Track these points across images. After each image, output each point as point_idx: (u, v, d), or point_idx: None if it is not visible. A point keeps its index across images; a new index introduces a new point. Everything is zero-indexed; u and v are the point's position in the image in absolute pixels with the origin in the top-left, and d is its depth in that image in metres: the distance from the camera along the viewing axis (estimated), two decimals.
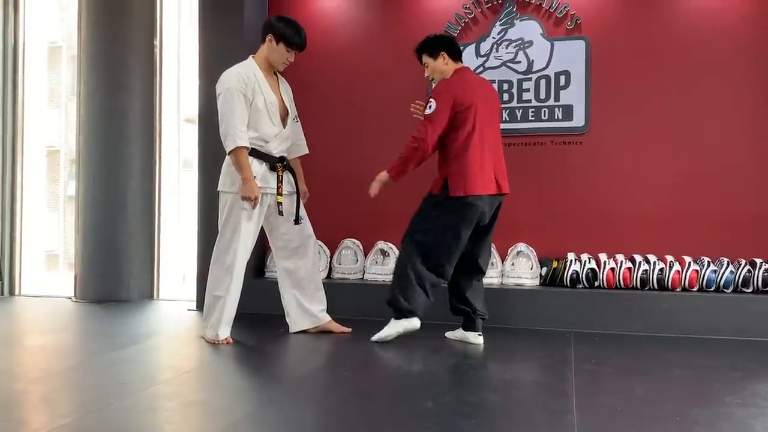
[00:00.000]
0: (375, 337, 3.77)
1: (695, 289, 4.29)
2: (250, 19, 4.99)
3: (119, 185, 5.37)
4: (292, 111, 3.96)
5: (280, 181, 3.82)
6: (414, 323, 3.70)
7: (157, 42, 5.64)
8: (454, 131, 3.66)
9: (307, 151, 4.11)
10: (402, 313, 3.70)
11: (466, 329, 3.87)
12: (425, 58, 3.84)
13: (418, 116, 3.89)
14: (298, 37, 3.79)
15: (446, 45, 3.80)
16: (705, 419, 2.53)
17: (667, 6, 4.60)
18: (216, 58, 4.79)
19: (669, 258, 4.38)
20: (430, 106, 3.65)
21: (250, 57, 3.85)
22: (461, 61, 3.87)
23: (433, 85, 3.87)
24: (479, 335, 3.83)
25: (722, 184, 4.49)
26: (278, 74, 3.95)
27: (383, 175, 3.81)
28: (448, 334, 3.95)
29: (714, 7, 4.53)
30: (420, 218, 3.78)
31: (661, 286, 4.32)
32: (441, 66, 3.79)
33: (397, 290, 3.70)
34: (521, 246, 4.65)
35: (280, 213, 3.83)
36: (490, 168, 3.71)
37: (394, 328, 3.73)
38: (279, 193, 3.81)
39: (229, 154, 3.69)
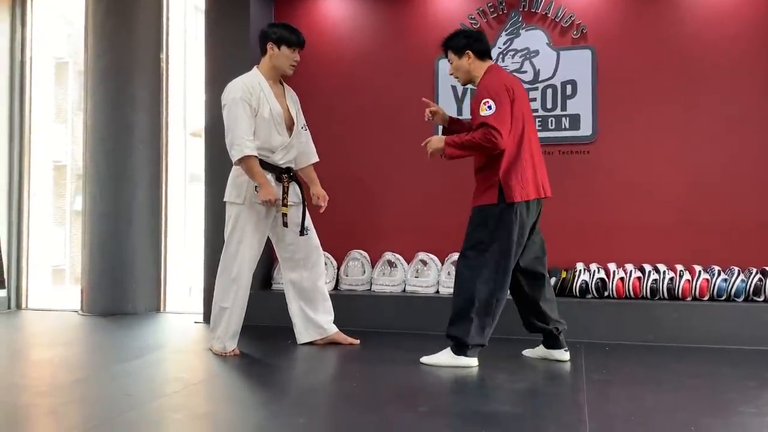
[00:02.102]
0: (426, 359, 3.56)
1: (706, 298, 4.25)
2: (256, 32, 4.95)
3: (126, 199, 5.38)
4: (300, 120, 3.97)
5: (285, 192, 3.81)
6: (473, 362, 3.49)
7: (163, 56, 5.66)
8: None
9: (317, 159, 4.10)
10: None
11: (549, 347, 3.66)
12: (450, 55, 3.63)
13: (430, 118, 3.70)
14: (295, 35, 3.81)
15: (472, 44, 3.57)
16: (719, 429, 2.51)
17: (673, 14, 4.59)
18: (222, 71, 4.80)
19: (679, 267, 4.34)
20: (489, 107, 3.35)
21: (255, 68, 3.86)
22: (491, 59, 3.65)
23: (458, 83, 3.71)
24: (566, 351, 3.64)
25: (732, 191, 4.47)
26: (284, 84, 3.96)
27: (440, 146, 3.50)
28: (527, 353, 3.79)
29: (720, 15, 4.52)
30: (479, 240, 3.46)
31: (672, 295, 4.28)
32: (465, 65, 3.58)
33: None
34: None
35: (285, 224, 3.83)
36: (542, 169, 3.55)
37: (450, 361, 3.49)
38: (284, 204, 3.80)
39: (236, 163, 3.68)
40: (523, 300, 3.63)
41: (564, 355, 3.64)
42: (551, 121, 4.71)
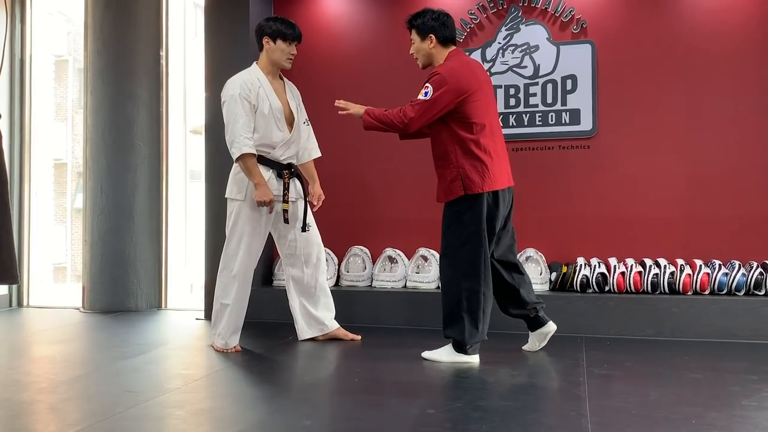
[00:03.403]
0: (427, 354, 3.58)
1: (706, 292, 4.25)
2: None
3: (126, 196, 5.38)
4: (302, 115, 3.97)
5: (286, 188, 3.81)
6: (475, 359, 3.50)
7: (163, 53, 5.66)
8: (465, 121, 3.40)
9: (319, 155, 4.10)
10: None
11: (534, 329, 3.68)
12: (413, 34, 3.57)
13: (343, 113, 3.63)
14: (291, 28, 3.80)
15: (437, 28, 3.50)
16: (721, 423, 2.50)
17: (672, 8, 4.58)
18: (222, 69, 4.79)
19: (679, 261, 4.34)
20: (426, 93, 3.38)
21: (254, 63, 3.86)
22: (454, 45, 3.59)
23: (418, 64, 3.64)
24: (550, 322, 3.66)
25: (732, 186, 4.46)
26: (284, 79, 3.96)
27: (359, 112, 3.58)
28: (526, 347, 3.76)
29: (720, 8, 4.51)
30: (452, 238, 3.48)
31: (672, 289, 4.28)
32: (427, 49, 3.53)
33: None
34: (530, 251, 4.63)
35: (286, 221, 3.83)
36: (505, 158, 3.53)
37: (451, 357, 3.51)
38: (285, 201, 3.80)
39: (236, 161, 3.68)
40: (503, 288, 3.62)
41: (551, 326, 3.67)
42: (551, 116, 4.71)
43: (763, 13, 4.45)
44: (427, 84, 3.42)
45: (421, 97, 3.41)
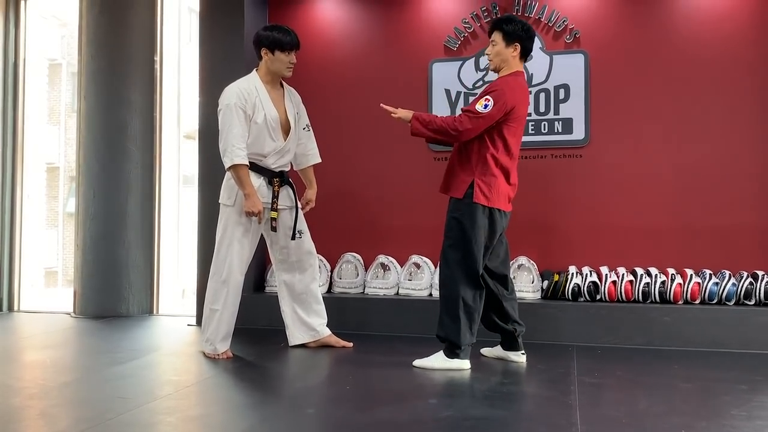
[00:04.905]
0: (418, 363, 3.58)
1: (697, 301, 4.27)
2: (251, 35, 4.96)
3: (119, 200, 5.37)
4: (302, 121, 3.97)
5: (275, 196, 3.81)
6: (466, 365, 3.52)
7: (157, 58, 5.66)
8: (497, 138, 3.45)
9: (318, 160, 4.10)
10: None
11: (507, 348, 3.72)
12: (496, 36, 3.51)
13: (394, 116, 3.52)
14: (288, 36, 3.79)
15: (525, 39, 3.50)
16: None
17: (665, 19, 4.62)
18: (216, 74, 4.80)
19: (671, 271, 4.37)
20: (485, 106, 3.35)
21: (254, 71, 3.86)
22: (525, 62, 3.62)
23: (491, 66, 3.60)
24: (522, 353, 3.68)
25: (723, 196, 4.49)
26: (285, 86, 3.95)
27: (407, 116, 3.47)
28: (485, 351, 3.83)
29: (713, 18, 4.54)
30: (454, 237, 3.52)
31: (663, 299, 4.30)
32: (508, 55, 3.50)
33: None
34: (522, 259, 4.64)
35: (273, 229, 3.82)
36: (514, 185, 3.61)
37: (443, 363, 3.52)
38: (273, 209, 3.80)
39: (228, 170, 3.69)
40: (490, 300, 3.63)
41: (520, 357, 3.69)
42: (544, 125, 4.73)
43: (755, 23, 4.49)
44: (487, 96, 3.41)
45: (479, 108, 3.38)
